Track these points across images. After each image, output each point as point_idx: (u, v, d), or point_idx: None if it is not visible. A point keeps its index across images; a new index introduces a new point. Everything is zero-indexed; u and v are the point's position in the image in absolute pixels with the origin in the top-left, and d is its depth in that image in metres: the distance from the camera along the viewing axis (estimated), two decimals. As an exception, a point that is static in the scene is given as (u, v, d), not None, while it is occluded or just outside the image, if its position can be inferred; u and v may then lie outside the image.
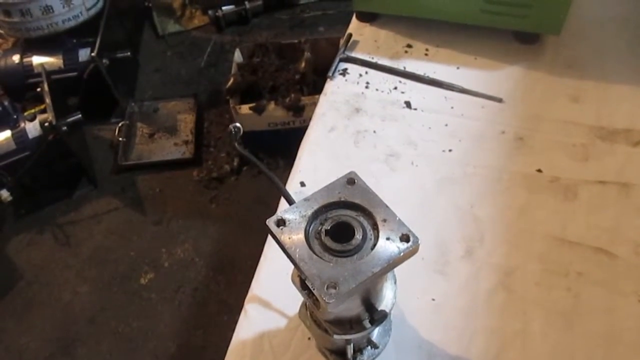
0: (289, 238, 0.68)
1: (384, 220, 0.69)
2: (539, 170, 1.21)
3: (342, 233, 0.68)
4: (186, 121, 3.00)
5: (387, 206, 0.70)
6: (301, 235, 0.68)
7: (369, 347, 0.91)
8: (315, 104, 1.45)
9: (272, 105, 2.49)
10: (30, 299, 2.35)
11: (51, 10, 2.72)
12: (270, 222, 0.70)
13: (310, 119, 1.42)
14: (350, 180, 0.73)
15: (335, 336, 0.77)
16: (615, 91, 1.38)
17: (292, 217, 0.70)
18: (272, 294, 1.04)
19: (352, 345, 0.85)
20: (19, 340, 2.23)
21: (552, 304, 1.00)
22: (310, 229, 0.70)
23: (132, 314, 2.24)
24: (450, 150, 1.27)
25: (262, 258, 1.10)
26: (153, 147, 2.90)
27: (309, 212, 0.70)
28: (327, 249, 0.67)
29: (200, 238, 2.46)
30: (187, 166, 2.79)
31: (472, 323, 0.98)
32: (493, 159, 1.25)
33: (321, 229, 0.69)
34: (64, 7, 2.74)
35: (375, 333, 0.91)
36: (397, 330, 0.96)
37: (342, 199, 0.71)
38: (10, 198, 2.41)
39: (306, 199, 0.71)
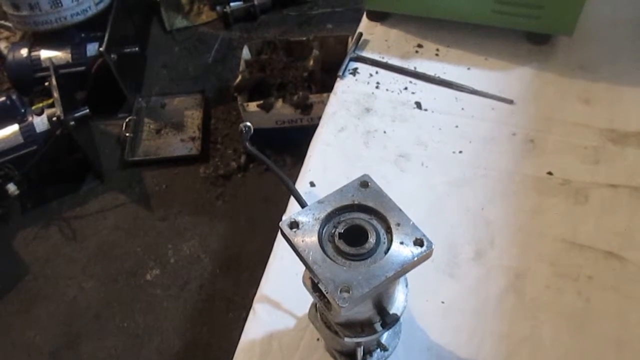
0: (302, 241, 0.68)
1: (398, 224, 0.68)
2: (550, 173, 1.21)
3: (355, 236, 0.68)
4: (193, 117, 3.00)
5: (400, 210, 0.70)
6: (314, 238, 0.68)
7: (379, 350, 0.91)
8: (323, 102, 1.46)
9: (279, 103, 2.49)
10: (36, 293, 2.36)
11: (60, 4, 2.72)
12: (284, 225, 0.69)
13: (318, 117, 1.41)
14: (364, 183, 0.73)
15: (346, 339, 0.76)
16: (627, 93, 1.37)
17: (305, 219, 0.69)
18: (281, 294, 1.04)
19: (362, 347, 0.84)
20: (24, 334, 2.23)
21: (563, 308, 0.99)
22: (324, 232, 0.70)
23: (138, 310, 2.24)
24: (460, 152, 1.27)
25: (271, 257, 1.10)
26: (160, 142, 2.90)
27: (323, 215, 0.70)
28: (340, 252, 0.67)
29: (206, 235, 2.46)
30: (194, 162, 2.79)
31: (482, 326, 0.98)
32: (504, 161, 1.24)
33: (334, 232, 0.69)
34: (72, 1, 2.74)
35: (385, 335, 0.91)
36: (407, 333, 0.96)
37: (356, 202, 0.71)
38: (17, 192, 2.41)
39: (320, 202, 0.71)
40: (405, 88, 1.43)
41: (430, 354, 0.95)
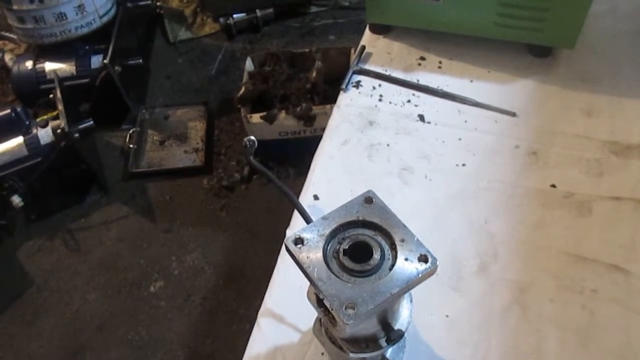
0: (307, 257, 0.68)
1: (402, 240, 0.69)
2: (553, 186, 1.21)
3: (360, 253, 0.68)
4: (197, 129, 3.01)
5: (405, 226, 0.70)
6: (319, 255, 0.68)
7: (383, 364, 0.91)
8: (326, 113, 1.46)
9: (283, 115, 2.50)
10: (40, 305, 2.36)
11: (64, 18, 2.74)
12: (289, 241, 0.70)
13: (321, 128, 1.42)
14: (368, 199, 0.73)
15: (351, 354, 0.76)
16: (629, 105, 1.37)
17: (310, 236, 0.70)
18: (286, 308, 1.04)
19: (366, 362, 0.84)
20: (28, 346, 2.23)
21: (567, 322, 0.99)
22: (328, 248, 0.70)
23: (142, 322, 2.24)
24: (463, 165, 1.27)
25: (275, 271, 1.10)
26: (163, 154, 2.91)
27: (327, 231, 0.70)
28: (345, 268, 0.67)
29: (210, 246, 2.47)
30: (198, 174, 2.80)
31: (486, 340, 0.98)
32: (507, 173, 1.25)
33: (339, 248, 0.69)
34: (77, 14, 2.77)
35: (390, 350, 0.90)
36: (411, 347, 0.95)
37: (360, 218, 0.71)
38: (21, 204, 2.42)
39: (324, 218, 0.72)
40: (408, 101, 1.44)
41: (434, 368, 0.95)
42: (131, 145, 2.90)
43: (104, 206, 2.71)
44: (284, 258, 1.11)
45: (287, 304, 1.04)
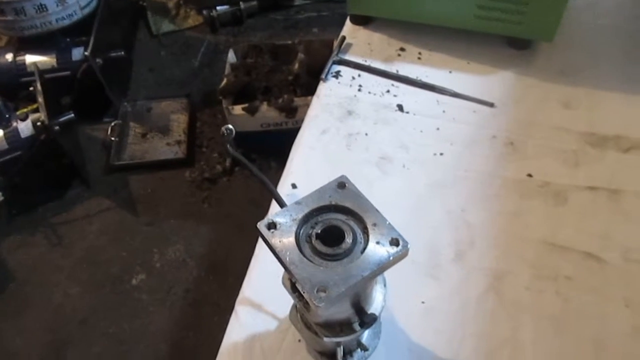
0: (280, 241, 0.68)
1: (374, 225, 0.69)
2: (530, 175, 1.22)
3: (332, 237, 0.69)
4: (179, 121, 2.99)
5: (377, 210, 0.71)
6: (292, 239, 0.68)
7: (359, 350, 0.91)
8: (308, 105, 1.46)
9: (265, 106, 2.49)
10: (22, 301, 2.34)
11: (45, 9, 2.70)
12: (261, 225, 0.70)
13: (302, 120, 1.42)
14: (341, 184, 0.73)
15: (325, 339, 0.77)
16: (606, 98, 1.39)
17: (283, 220, 0.70)
18: (263, 296, 1.04)
19: (342, 347, 0.85)
20: (11, 342, 2.21)
21: (542, 309, 1.01)
22: (301, 232, 0.70)
23: (124, 315, 2.23)
24: (441, 154, 1.28)
25: (253, 260, 1.11)
26: (146, 147, 2.89)
27: (300, 216, 0.70)
28: (317, 252, 0.68)
29: (192, 239, 2.45)
30: (180, 166, 2.78)
31: (462, 327, 0.99)
32: (484, 163, 1.26)
33: (312, 232, 0.69)
34: (58, 5, 2.73)
35: (365, 335, 0.91)
36: (387, 333, 0.96)
37: (333, 203, 0.72)
38: (1, 198, 2.39)
39: (297, 203, 0.72)
40: (388, 91, 1.44)
41: (411, 354, 0.96)
42: (113, 138, 2.86)
43: (86, 200, 2.69)
44: (262, 246, 1.11)
45: (264, 292, 1.05)
